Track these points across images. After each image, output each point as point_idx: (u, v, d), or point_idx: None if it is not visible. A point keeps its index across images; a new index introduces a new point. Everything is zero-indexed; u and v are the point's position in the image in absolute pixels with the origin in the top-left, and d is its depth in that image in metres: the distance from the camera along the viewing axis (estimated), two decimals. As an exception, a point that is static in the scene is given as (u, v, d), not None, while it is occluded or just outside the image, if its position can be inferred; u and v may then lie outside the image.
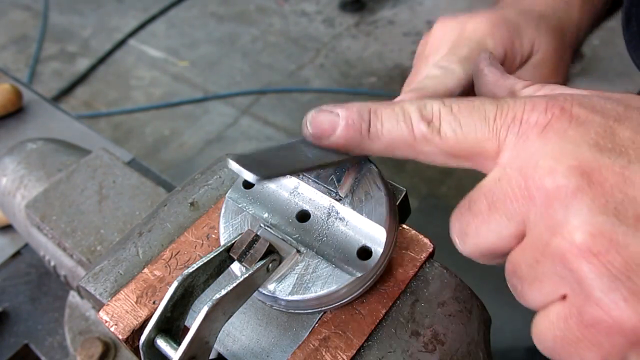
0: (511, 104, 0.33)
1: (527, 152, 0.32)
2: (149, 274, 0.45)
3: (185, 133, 2.70)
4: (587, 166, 0.30)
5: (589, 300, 0.29)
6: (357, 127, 0.36)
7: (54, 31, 3.36)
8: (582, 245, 0.29)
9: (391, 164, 2.39)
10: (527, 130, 0.32)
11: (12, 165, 0.73)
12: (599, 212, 0.29)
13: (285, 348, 0.41)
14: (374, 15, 3.30)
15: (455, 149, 0.35)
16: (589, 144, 0.30)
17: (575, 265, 0.29)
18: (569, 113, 0.32)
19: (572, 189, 0.29)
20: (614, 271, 0.28)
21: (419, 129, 0.35)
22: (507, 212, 0.32)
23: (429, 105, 0.35)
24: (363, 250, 0.39)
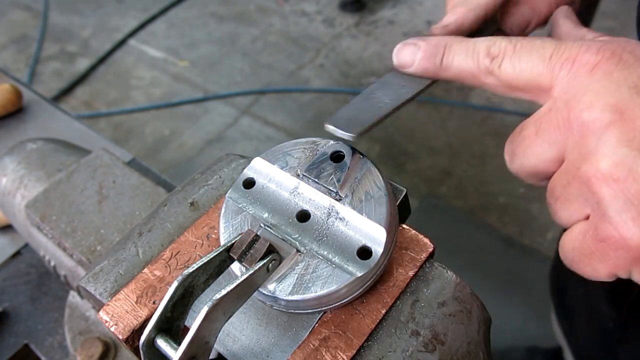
0: (569, 44, 0.37)
1: (575, 88, 0.35)
2: (149, 274, 0.45)
3: (185, 133, 2.70)
4: (622, 104, 0.33)
5: (604, 219, 0.34)
6: (432, 59, 0.43)
7: (54, 31, 3.36)
8: (605, 171, 0.33)
9: (391, 164, 2.39)
10: (579, 69, 0.36)
11: (12, 165, 0.73)
12: (625, 145, 0.32)
13: (285, 348, 0.41)
14: (374, 15, 3.30)
15: (514, 82, 0.39)
16: (628, 86, 0.33)
17: (597, 188, 0.33)
18: (618, 57, 0.35)
19: (606, 122, 0.33)
20: (629, 196, 0.32)
21: (484, 63, 0.40)
22: (550, 139, 0.37)
23: (497, 43, 0.40)
24: (363, 250, 0.39)
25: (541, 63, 0.37)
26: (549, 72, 0.37)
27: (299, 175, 0.43)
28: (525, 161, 0.39)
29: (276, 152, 0.45)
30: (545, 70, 0.37)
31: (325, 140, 0.45)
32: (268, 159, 0.45)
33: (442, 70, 0.43)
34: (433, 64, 0.43)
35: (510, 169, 0.42)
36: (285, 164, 0.44)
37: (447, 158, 2.39)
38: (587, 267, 0.37)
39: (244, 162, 0.52)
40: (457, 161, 2.37)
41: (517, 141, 0.40)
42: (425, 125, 2.58)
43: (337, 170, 0.42)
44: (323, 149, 0.44)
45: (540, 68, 0.37)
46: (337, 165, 0.42)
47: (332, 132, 0.38)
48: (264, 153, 0.45)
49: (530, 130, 0.39)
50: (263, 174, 0.44)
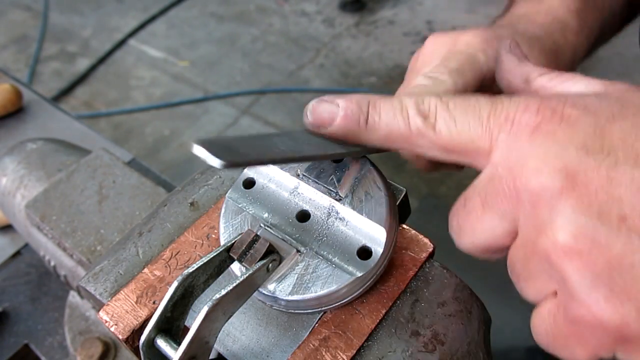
0: (505, 103, 0.34)
1: (517, 153, 0.32)
2: (149, 274, 0.45)
3: (185, 133, 2.70)
4: (572, 168, 0.30)
5: (572, 298, 0.30)
6: (355, 118, 0.37)
7: (54, 31, 3.36)
8: (565, 245, 0.29)
9: (391, 164, 2.39)
10: (518, 131, 0.32)
11: (12, 165, 0.73)
12: (582, 213, 0.29)
13: (285, 348, 0.41)
14: (374, 15, 3.30)
15: (449, 145, 0.35)
16: (575, 146, 0.30)
17: (559, 264, 0.30)
18: (559, 114, 0.32)
19: (557, 190, 0.30)
20: (597, 270, 0.29)
21: (415, 123, 0.36)
22: (499, 211, 0.33)
23: (426, 100, 0.36)
24: (363, 250, 0.39)
25: (478, 125, 0.34)
26: (487, 135, 0.33)
27: (299, 175, 0.43)
28: (476, 238, 0.35)
29: (276, 152, 0.45)
30: (482, 132, 0.34)
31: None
32: None
33: (367, 131, 0.37)
34: (356, 124, 0.37)
35: (459, 247, 0.37)
36: (285, 164, 0.44)
37: (447, 158, 2.39)
38: (564, 351, 0.34)
39: (244, 162, 0.52)
40: (457, 161, 2.37)
41: (463, 217, 0.36)
42: (425, 125, 2.57)
43: (337, 170, 0.42)
44: None
45: (478, 131, 0.34)
46: (337, 165, 0.42)
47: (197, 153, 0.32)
48: (264, 153, 0.45)
49: (475, 203, 0.35)
50: (263, 174, 0.44)
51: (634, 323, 0.28)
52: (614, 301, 0.29)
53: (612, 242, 0.28)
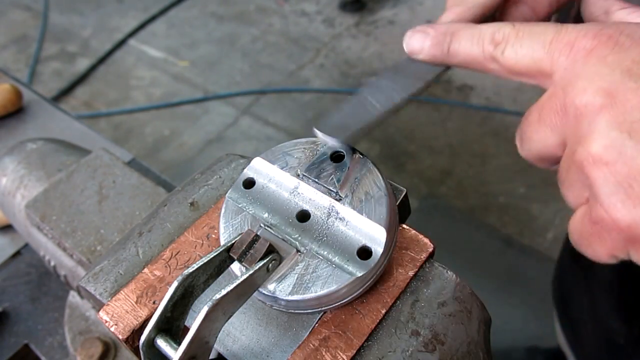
0: (570, 29, 0.37)
1: (572, 73, 0.36)
2: (149, 274, 0.45)
3: (185, 133, 2.70)
4: (614, 88, 0.33)
5: (596, 201, 0.34)
6: (440, 47, 0.44)
7: (54, 31, 3.36)
8: (596, 154, 0.34)
9: (391, 164, 2.39)
10: (576, 54, 0.36)
11: (12, 165, 0.73)
12: (615, 128, 0.33)
13: (285, 348, 0.41)
14: (374, 15, 3.30)
15: (516, 68, 0.40)
16: (621, 69, 0.34)
17: (589, 171, 0.34)
18: (614, 40, 0.35)
19: (597, 107, 0.34)
20: (619, 178, 0.33)
21: (488, 49, 0.41)
22: (551, 125, 0.38)
23: (501, 29, 0.41)
24: (363, 250, 0.39)
25: (542, 49, 0.38)
26: (549, 58, 0.38)
27: (299, 175, 0.43)
28: (532, 146, 0.41)
29: (276, 152, 0.45)
30: (545, 56, 0.38)
31: (325, 140, 0.44)
32: (268, 159, 0.45)
33: (449, 56, 0.44)
34: (441, 51, 0.44)
35: (521, 154, 0.43)
36: (285, 164, 0.44)
37: (447, 158, 2.39)
38: (588, 249, 0.38)
39: (244, 162, 0.52)
40: (457, 161, 2.37)
41: (524, 127, 0.41)
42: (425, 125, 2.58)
43: (337, 170, 0.42)
44: (323, 149, 0.44)
45: (541, 54, 0.38)
46: (337, 165, 0.42)
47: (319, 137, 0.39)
48: (264, 153, 0.45)
49: (534, 117, 0.40)
50: (263, 174, 0.44)
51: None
52: (629, 205, 0.33)
53: (636, 154, 0.32)
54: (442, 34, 0.44)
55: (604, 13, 0.44)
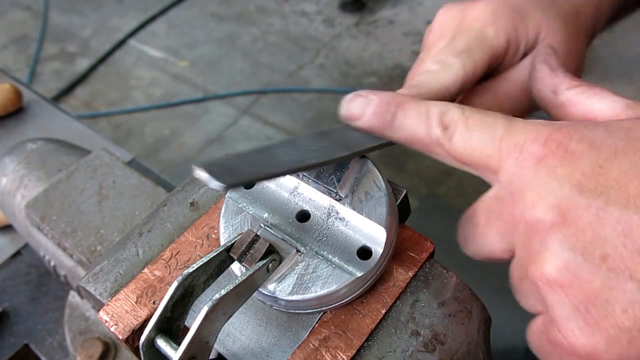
0: (520, 128, 0.36)
1: (520, 181, 0.35)
2: (149, 274, 0.45)
3: (185, 133, 2.70)
4: (564, 205, 0.32)
5: (553, 324, 0.33)
6: (383, 117, 0.41)
7: (54, 31, 3.36)
8: (550, 276, 0.32)
9: (391, 164, 2.39)
10: (525, 159, 0.35)
11: (12, 165, 0.73)
12: (568, 249, 0.32)
13: (285, 348, 0.41)
14: (374, 15, 3.30)
15: (463, 158, 0.38)
16: (571, 184, 0.32)
17: (543, 293, 0.33)
18: (564, 149, 0.34)
19: (549, 224, 0.32)
20: (575, 302, 0.32)
21: (435, 132, 0.38)
22: (499, 231, 0.37)
23: (450, 112, 0.38)
24: (363, 250, 0.39)
25: (491, 144, 0.36)
26: (498, 156, 0.36)
27: (299, 175, 0.43)
28: (479, 249, 0.39)
29: (276, 152, 0.45)
30: (494, 152, 0.36)
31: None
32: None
33: (391, 129, 0.41)
34: (383, 122, 0.41)
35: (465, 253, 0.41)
36: (285, 164, 0.44)
37: (447, 158, 2.39)
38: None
39: (244, 162, 0.52)
40: (457, 161, 2.37)
41: (468, 229, 0.40)
42: (425, 125, 2.57)
43: (337, 170, 0.42)
44: None
45: (490, 150, 0.36)
46: (337, 165, 0.42)
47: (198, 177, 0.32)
48: (264, 153, 0.45)
49: (480, 219, 0.38)
50: (263, 174, 0.44)
51: (604, 353, 0.31)
52: (587, 332, 0.31)
53: (592, 278, 0.31)
54: (387, 102, 0.41)
55: (552, 93, 0.42)
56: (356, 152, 0.40)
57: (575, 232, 0.32)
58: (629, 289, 0.30)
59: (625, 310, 0.30)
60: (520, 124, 0.36)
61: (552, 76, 0.43)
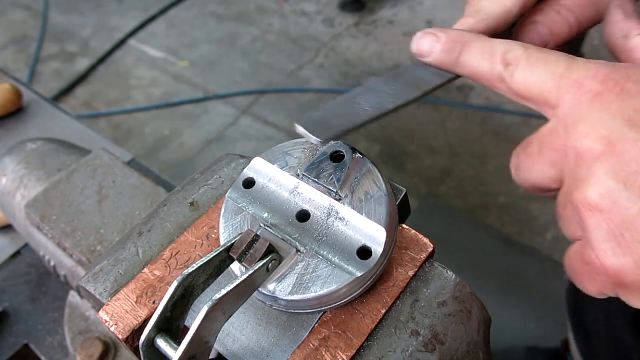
0: (580, 65, 0.38)
1: (576, 114, 0.37)
2: (149, 274, 0.45)
3: (185, 133, 2.70)
4: (614, 137, 0.34)
5: (588, 245, 0.36)
6: (450, 55, 0.43)
7: (54, 31, 3.36)
8: (592, 201, 0.35)
9: (391, 164, 2.39)
10: (583, 95, 0.37)
11: (12, 165, 0.73)
12: (612, 177, 0.34)
13: (285, 348, 0.41)
14: (374, 15, 3.30)
15: (523, 93, 0.40)
16: (623, 119, 0.34)
17: (584, 216, 0.36)
18: (621, 87, 0.36)
19: (597, 154, 0.35)
20: (612, 226, 0.34)
21: (498, 69, 0.41)
22: (551, 160, 0.39)
23: (513, 50, 0.40)
24: (363, 250, 0.39)
25: (551, 81, 0.38)
26: (557, 91, 0.38)
27: (299, 175, 0.43)
28: (529, 177, 0.41)
29: (276, 152, 0.45)
30: (553, 88, 0.38)
31: (325, 140, 0.44)
32: (268, 159, 0.45)
33: (457, 66, 0.43)
34: (450, 58, 0.43)
35: (515, 181, 0.43)
36: (285, 164, 0.44)
37: (447, 158, 2.39)
38: (581, 285, 0.40)
39: (244, 162, 0.52)
40: (457, 161, 2.37)
41: (522, 157, 0.42)
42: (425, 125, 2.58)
43: (337, 170, 0.42)
44: (323, 149, 0.44)
45: (550, 85, 0.38)
46: (337, 165, 0.42)
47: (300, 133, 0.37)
48: (264, 153, 0.45)
49: (534, 149, 0.40)
50: (263, 174, 0.44)
51: (631, 273, 0.34)
52: (618, 253, 0.34)
53: (630, 206, 0.33)
54: (454, 41, 0.43)
55: (623, 37, 0.44)
56: (426, 92, 0.44)
57: (620, 163, 0.34)
58: None
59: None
60: (582, 62, 0.38)
61: (625, 21, 0.44)
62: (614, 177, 0.34)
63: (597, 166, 0.35)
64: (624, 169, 0.34)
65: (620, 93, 0.35)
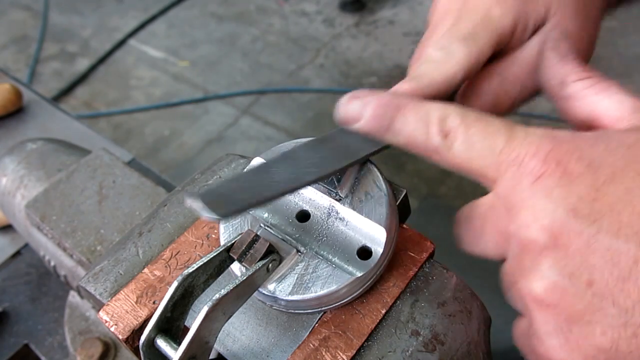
0: (521, 139, 0.35)
1: (516, 196, 0.35)
2: (149, 274, 0.45)
3: (185, 133, 2.70)
4: (557, 229, 0.33)
5: (535, 336, 0.35)
6: (381, 121, 0.39)
7: (54, 31, 3.36)
8: (537, 295, 0.34)
9: (391, 164, 2.39)
10: (523, 175, 0.34)
11: (12, 165, 0.73)
12: (557, 272, 0.33)
13: (285, 348, 0.41)
14: (374, 15, 3.30)
15: (461, 166, 0.37)
16: (566, 208, 0.33)
17: (530, 309, 0.35)
18: (563, 168, 0.33)
19: (541, 246, 0.33)
20: (559, 321, 0.33)
21: (435, 140, 0.37)
22: (493, 239, 0.37)
23: (451, 117, 0.37)
24: (363, 250, 0.39)
25: (490, 156, 0.36)
26: (496, 167, 0.36)
27: (299, 175, 0.43)
28: (474, 250, 0.40)
29: (276, 152, 0.45)
30: (492, 164, 0.36)
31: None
32: (268, 159, 0.45)
33: (390, 134, 0.39)
34: (381, 125, 0.39)
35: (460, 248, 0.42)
36: (285, 164, 0.44)
37: (447, 158, 2.39)
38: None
39: (244, 162, 0.52)
40: (457, 161, 2.37)
41: (465, 231, 0.40)
42: (425, 125, 2.57)
43: (337, 170, 0.42)
44: None
45: (489, 161, 0.36)
46: (337, 165, 0.42)
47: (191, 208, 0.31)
48: (264, 153, 0.45)
49: (475, 223, 0.39)
50: (263, 174, 0.44)
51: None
52: (567, 349, 0.33)
53: (576, 301, 0.32)
54: (385, 105, 0.39)
55: (559, 83, 0.41)
56: (355, 161, 0.40)
57: (565, 257, 0.32)
58: (611, 313, 0.31)
59: (605, 332, 0.32)
60: (522, 135, 0.35)
61: (560, 65, 0.41)
62: (558, 271, 0.33)
63: (542, 259, 0.33)
64: (568, 263, 0.32)
65: (562, 176, 0.33)
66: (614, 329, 0.31)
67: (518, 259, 0.35)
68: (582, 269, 0.32)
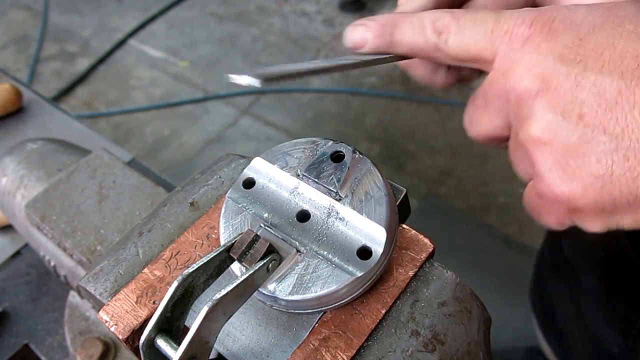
0: (507, 17, 0.39)
1: (510, 60, 0.38)
2: (149, 274, 0.45)
3: (185, 133, 2.70)
4: (548, 74, 0.36)
5: (539, 178, 0.38)
6: (383, 39, 0.45)
7: (54, 31, 3.36)
8: (535, 136, 0.37)
9: (391, 164, 2.39)
10: (514, 42, 0.39)
11: (12, 165, 0.73)
12: (550, 111, 0.36)
13: (285, 348, 0.41)
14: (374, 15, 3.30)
15: (460, 56, 0.42)
16: (554, 56, 0.36)
17: (531, 151, 0.38)
18: (548, 27, 0.38)
19: (534, 92, 0.37)
20: (556, 156, 0.36)
21: (432, 39, 0.42)
22: (496, 108, 0.41)
23: (441, 18, 0.42)
24: (363, 250, 0.39)
25: (484, 37, 0.40)
26: (491, 46, 0.39)
27: (299, 175, 0.43)
28: (481, 129, 0.43)
29: (276, 152, 0.45)
30: (487, 44, 0.40)
31: (325, 140, 0.45)
32: (268, 159, 0.45)
33: (393, 46, 0.45)
34: (384, 42, 0.45)
35: (470, 136, 0.46)
36: (285, 164, 0.44)
37: (447, 158, 2.39)
38: (540, 219, 0.42)
39: (244, 162, 0.52)
40: (457, 161, 2.37)
41: (471, 111, 0.44)
42: (425, 125, 2.58)
43: (337, 170, 0.42)
44: (323, 148, 0.44)
45: (483, 43, 0.40)
46: (337, 165, 0.42)
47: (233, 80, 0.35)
48: (264, 153, 0.45)
49: (480, 101, 0.42)
50: (263, 174, 0.44)
51: (580, 197, 0.36)
52: (566, 180, 0.36)
53: (570, 134, 0.35)
54: (383, 25, 0.45)
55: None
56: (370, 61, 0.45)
57: (556, 97, 0.36)
58: (602, 141, 0.34)
59: (599, 160, 0.34)
60: (508, 13, 0.39)
61: None
62: (552, 110, 0.36)
63: (536, 103, 0.36)
64: (560, 101, 0.35)
65: (548, 33, 0.37)
66: (607, 155, 0.34)
67: (517, 113, 0.38)
68: (573, 104, 0.35)
